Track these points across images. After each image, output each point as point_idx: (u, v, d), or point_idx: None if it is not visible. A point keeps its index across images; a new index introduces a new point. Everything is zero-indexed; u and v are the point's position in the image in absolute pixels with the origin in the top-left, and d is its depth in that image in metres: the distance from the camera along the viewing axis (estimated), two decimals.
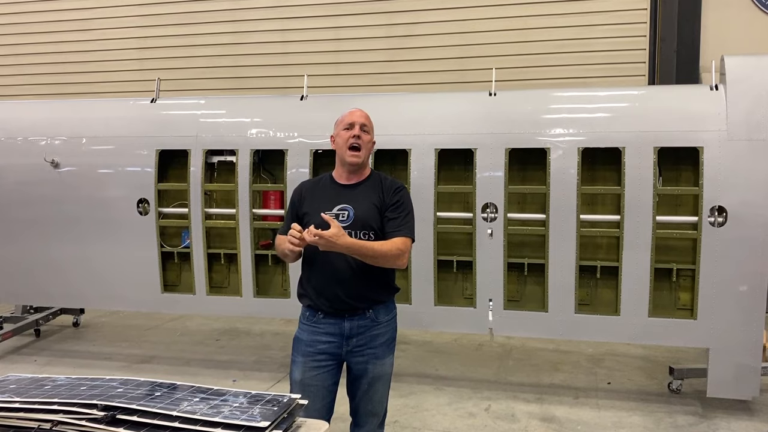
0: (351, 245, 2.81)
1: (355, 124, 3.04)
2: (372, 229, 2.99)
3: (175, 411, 1.84)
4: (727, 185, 4.31)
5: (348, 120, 3.07)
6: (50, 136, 5.52)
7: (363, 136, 3.04)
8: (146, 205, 5.29)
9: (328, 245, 2.76)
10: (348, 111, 3.13)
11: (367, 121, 3.10)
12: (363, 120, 3.08)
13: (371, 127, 3.13)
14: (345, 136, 3.04)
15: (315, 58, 8.67)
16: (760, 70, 4.42)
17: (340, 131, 3.08)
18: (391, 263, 2.95)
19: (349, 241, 2.81)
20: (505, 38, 8.09)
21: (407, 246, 2.98)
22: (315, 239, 2.73)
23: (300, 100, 5.22)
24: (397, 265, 2.97)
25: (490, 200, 4.68)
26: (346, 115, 3.11)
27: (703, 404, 4.76)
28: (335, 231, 2.75)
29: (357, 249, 2.84)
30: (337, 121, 3.14)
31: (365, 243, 2.88)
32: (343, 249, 2.80)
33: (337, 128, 3.12)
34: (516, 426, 4.50)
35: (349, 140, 3.02)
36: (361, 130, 3.04)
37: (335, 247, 2.78)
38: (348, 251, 2.83)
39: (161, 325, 7.19)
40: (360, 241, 2.87)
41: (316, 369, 3.01)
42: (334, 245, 2.77)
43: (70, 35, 9.68)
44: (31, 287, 5.75)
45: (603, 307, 4.81)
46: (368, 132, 3.09)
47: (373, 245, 2.89)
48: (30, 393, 1.99)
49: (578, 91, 5.17)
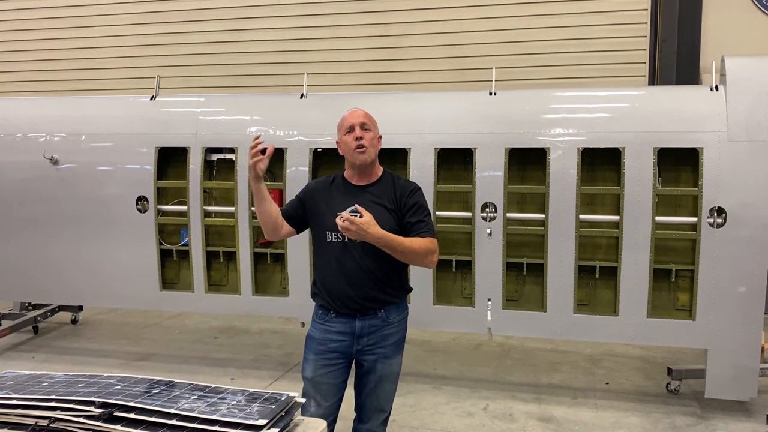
0: (382, 236, 2.81)
1: (355, 126, 3.02)
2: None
3: (172, 409, 1.84)
4: (726, 186, 4.30)
5: (348, 123, 3.04)
6: (49, 133, 5.51)
7: (366, 135, 3.01)
8: (145, 202, 5.29)
9: (359, 233, 2.76)
10: (346, 113, 3.10)
11: (367, 119, 3.07)
12: (362, 119, 3.04)
13: (373, 123, 3.10)
14: (349, 141, 3.02)
15: (312, 57, 8.65)
16: (761, 71, 4.42)
17: (342, 136, 3.06)
18: (420, 261, 2.96)
19: (380, 231, 2.80)
20: (503, 38, 8.07)
21: (436, 246, 2.99)
22: (346, 224, 2.73)
23: (300, 99, 5.22)
24: (426, 263, 2.98)
25: (490, 200, 4.68)
26: (344, 118, 3.08)
27: (701, 405, 4.76)
28: (367, 219, 2.76)
29: (388, 241, 2.83)
30: (338, 126, 3.11)
31: (396, 237, 2.86)
32: (373, 239, 2.79)
33: (339, 133, 3.10)
34: (514, 426, 4.50)
35: (353, 143, 3.00)
36: (362, 130, 3.01)
37: (366, 236, 2.77)
38: (378, 242, 2.81)
39: (159, 323, 7.18)
40: (391, 234, 2.85)
41: (327, 367, 3.03)
42: (366, 234, 2.76)
43: (69, 32, 9.65)
44: (29, 284, 5.75)
45: (602, 307, 4.81)
46: (370, 129, 3.05)
47: (404, 240, 2.88)
48: (27, 390, 1.99)
49: (578, 91, 5.17)
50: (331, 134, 4.98)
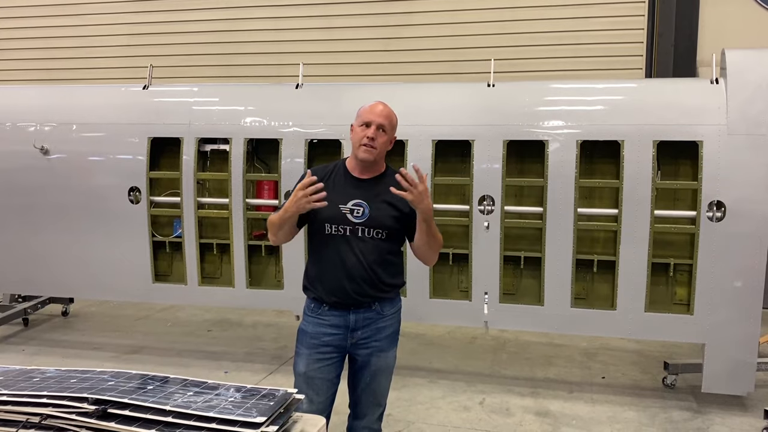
0: (432, 211, 2.84)
1: (372, 124, 2.87)
2: (386, 228, 2.91)
3: (167, 405, 1.78)
4: (726, 180, 4.27)
5: (366, 118, 2.89)
6: (40, 122, 5.41)
7: (379, 138, 2.87)
8: (137, 193, 5.21)
9: (419, 198, 2.73)
10: (370, 104, 2.94)
11: (386, 121, 2.89)
12: (381, 120, 2.88)
13: (391, 127, 2.94)
14: (360, 134, 2.89)
15: (307, 47, 8.56)
16: (761, 64, 4.38)
17: (357, 126, 2.93)
18: (433, 253, 3.02)
19: (431, 204, 2.82)
20: (500, 29, 8.02)
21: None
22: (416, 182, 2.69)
23: (295, 89, 5.14)
24: (434, 258, 3.06)
25: (487, 192, 4.63)
26: (366, 108, 2.93)
27: (698, 399, 4.75)
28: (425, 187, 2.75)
29: (431, 220, 2.86)
30: (358, 112, 2.96)
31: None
32: (427, 209, 2.80)
33: (357, 119, 2.95)
34: (511, 420, 4.47)
35: (363, 139, 2.87)
36: (377, 131, 2.87)
37: (422, 203, 2.76)
38: (427, 215, 2.83)
39: (152, 316, 7.11)
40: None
41: (320, 361, 2.96)
42: (422, 201, 2.75)
43: (60, 20, 9.51)
44: (19, 276, 5.67)
45: (599, 301, 4.79)
46: (386, 132, 2.91)
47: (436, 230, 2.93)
48: (18, 385, 1.93)
49: (578, 84, 5.14)
50: (327, 125, 4.95)
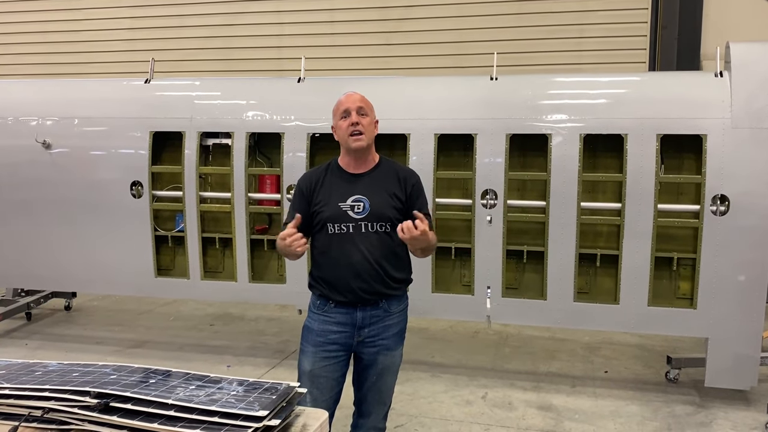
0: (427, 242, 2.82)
1: (351, 111, 2.89)
2: (389, 220, 2.90)
3: (170, 399, 1.78)
4: (730, 174, 4.25)
5: (343, 107, 2.92)
6: (42, 117, 5.40)
7: (362, 120, 2.88)
8: (140, 187, 5.20)
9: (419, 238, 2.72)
10: (341, 97, 2.97)
11: (363, 103, 2.94)
12: (358, 103, 2.91)
13: (369, 107, 2.97)
14: (344, 126, 2.89)
15: (309, 41, 8.53)
16: (766, 57, 4.35)
17: (338, 121, 2.93)
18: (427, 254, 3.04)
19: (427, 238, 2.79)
20: (503, 23, 7.98)
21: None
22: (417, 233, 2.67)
23: (297, 83, 5.13)
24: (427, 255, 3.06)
25: (490, 186, 4.62)
26: (340, 102, 2.95)
27: (701, 394, 4.75)
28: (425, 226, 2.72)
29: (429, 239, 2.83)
30: (333, 110, 2.98)
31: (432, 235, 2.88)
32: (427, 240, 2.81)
33: (334, 118, 2.97)
34: (513, 414, 4.47)
35: (348, 128, 2.87)
36: (358, 115, 2.89)
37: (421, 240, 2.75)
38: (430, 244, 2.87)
39: (154, 310, 7.12)
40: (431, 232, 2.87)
41: (326, 359, 2.94)
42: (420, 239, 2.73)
43: (62, 14, 9.49)
44: (21, 270, 5.67)
45: (602, 295, 4.77)
46: (366, 114, 2.93)
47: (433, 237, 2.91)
48: (20, 379, 1.93)
49: (581, 77, 5.12)
50: (329, 119, 4.90)
